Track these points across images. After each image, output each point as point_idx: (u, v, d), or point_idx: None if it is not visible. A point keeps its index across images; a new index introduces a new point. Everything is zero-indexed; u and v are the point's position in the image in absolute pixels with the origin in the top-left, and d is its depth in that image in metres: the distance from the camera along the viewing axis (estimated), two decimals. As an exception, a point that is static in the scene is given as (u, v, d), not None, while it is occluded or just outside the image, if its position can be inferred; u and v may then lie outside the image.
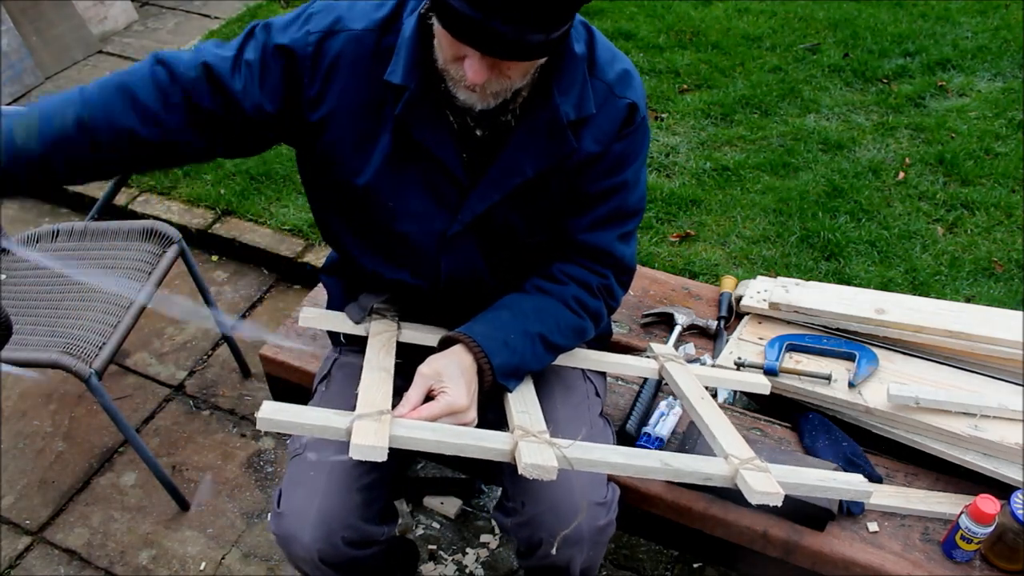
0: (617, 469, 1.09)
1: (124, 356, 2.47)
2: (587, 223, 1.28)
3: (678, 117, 3.29)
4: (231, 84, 1.16)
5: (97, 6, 3.98)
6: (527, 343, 1.23)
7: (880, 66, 3.53)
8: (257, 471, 2.15)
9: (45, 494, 2.11)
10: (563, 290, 1.29)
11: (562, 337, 1.28)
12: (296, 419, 1.01)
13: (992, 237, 2.66)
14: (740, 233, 2.72)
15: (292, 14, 1.21)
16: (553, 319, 1.27)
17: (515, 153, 1.19)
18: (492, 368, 1.18)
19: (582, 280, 1.30)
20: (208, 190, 2.94)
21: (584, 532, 1.28)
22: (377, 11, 1.19)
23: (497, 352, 1.19)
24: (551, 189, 1.24)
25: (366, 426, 1.02)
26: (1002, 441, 1.43)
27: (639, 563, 1.92)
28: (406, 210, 1.25)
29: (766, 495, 1.06)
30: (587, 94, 1.18)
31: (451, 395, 1.12)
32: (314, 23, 1.18)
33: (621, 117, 1.22)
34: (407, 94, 1.15)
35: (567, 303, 1.29)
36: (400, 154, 1.21)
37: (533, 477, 1.03)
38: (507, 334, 1.22)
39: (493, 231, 1.26)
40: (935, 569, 1.38)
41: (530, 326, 1.24)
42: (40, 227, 2.11)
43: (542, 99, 1.16)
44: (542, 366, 1.29)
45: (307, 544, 1.27)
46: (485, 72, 1.04)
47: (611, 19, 3.90)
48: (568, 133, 1.18)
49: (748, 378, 1.51)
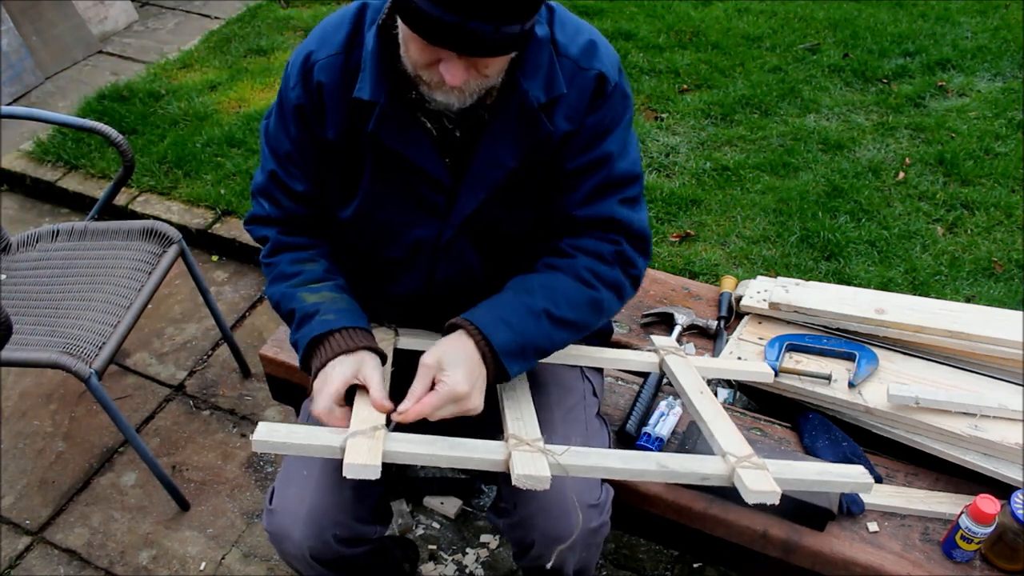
0: (613, 473, 1.09)
1: (124, 356, 2.47)
2: (580, 198, 1.24)
3: (678, 117, 3.29)
4: (295, 187, 1.28)
5: (97, 6, 3.98)
6: (530, 320, 1.18)
7: (880, 66, 3.53)
8: (257, 471, 2.15)
9: (45, 494, 2.11)
10: (572, 263, 1.24)
11: (572, 311, 1.22)
12: (290, 440, 1.03)
13: (992, 237, 2.66)
14: (740, 233, 2.72)
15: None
16: (560, 293, 1.21)
17: (492, 146, 1.19)
18: (492, 350, 1.15)
19: (593, 250, 1.25)
20: (208, 190, 2.94)
21: (576, 533, 1.27)
22: (337, 32, 1.21)
23: (496, 332, 1.15)
24: (536, 175, 1.23)
25: (359, 443, 1.03)
26: (1002, 441, 1.43)
27: (639, 563, 1.91)
28: (398, 224, 1.26)
29: (762, 494, 1.05)
30: (555, 74, 1.16)
31: (450, 382, 1.10)
32: (292, 73, 1.23)
33: (591, 89, 1.19)
34: (378, 109, 1.15)
35: (578, 275, 1.23)
36: (383, 170, 1.22)
37: (527, 487, 1.04)
38: (508, 314, 1.18)
39: (485, 229, 1.26)
40: (935, 569, 1.38)
41: (534, 303, 1.20)
42: (40, 227, 2.11)
43: (510, 88, 1.15)
44: (554, 344, 1.22)
45: (298, 541, 1.27)
46: (463, 73, 1.04)
47: (611, 19, 3.90)
48: (541, 116, 1.16)
49: (750, 367, 1.50)
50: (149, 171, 3.05)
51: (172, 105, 3.38)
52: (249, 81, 3.54)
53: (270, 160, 1.29)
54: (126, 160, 2.02)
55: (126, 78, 3.63)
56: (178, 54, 3.81)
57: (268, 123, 1.30)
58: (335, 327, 1.19)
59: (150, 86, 3.52)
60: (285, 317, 1.29)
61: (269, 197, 1.31)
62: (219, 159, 3.07)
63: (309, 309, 1.22)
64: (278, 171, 1.28)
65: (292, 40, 3.85)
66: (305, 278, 1.28)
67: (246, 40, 3.86)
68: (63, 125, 2.12)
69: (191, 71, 3.68)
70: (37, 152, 3.19)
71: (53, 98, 3.61)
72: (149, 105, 3.40)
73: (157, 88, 3.51)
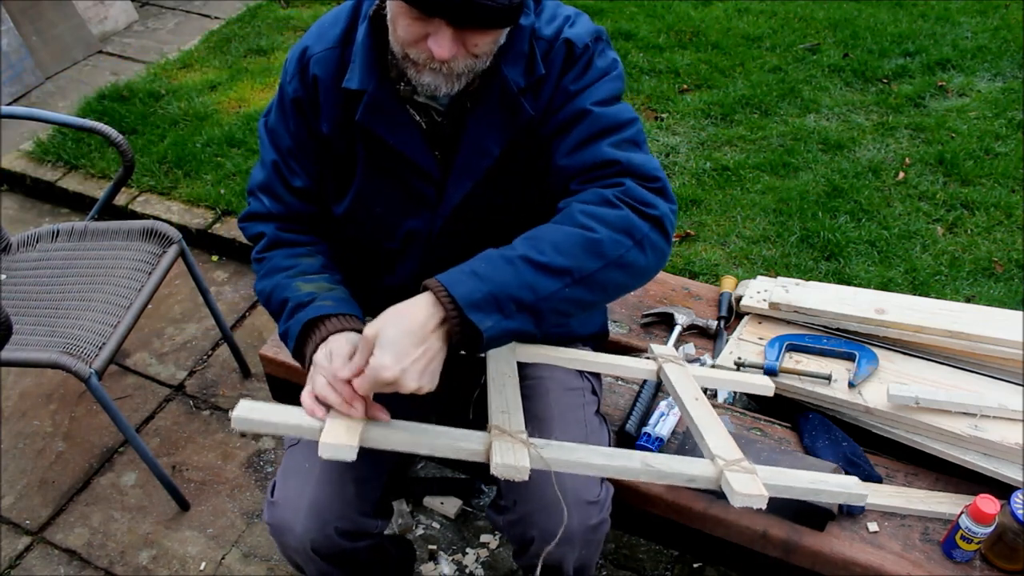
0: (596, 470, 1.08)
1: (124, 356, 2.47)
2: (568, 147, 1.16)
3: (678, 117, 3.29)
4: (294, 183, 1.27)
5: (97, 6, 3.98)
6: (504, 267, 1.02)
7: (880, 66, 3.53)
8: (257, 471, 2.15)
9: (45, 494, 2.11)
10: (565, 212, 1.10)
11: (562, 256, 1.03)
12: (269, 418, 1.02)
13: (992, 237, 2.66)
14: (740, 233, 2.71)
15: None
16: (545, 239, 1.05)
17: (476, 134, 1.19)
18: (456, 306, 0.99)
19: (590, 197, 1.10)
20: (208, 190, 2.94)
21: (575, 531, 1.27)
22: (334, 27, 1.22)
23: (459, 283, 1.00)
24: (519, 160, 1.22)
25: (338, 425, 1.01)
26: (1002, 441, 1.43)
27: (639, 563, 1.91)
28: (392, 217, 1.27)
29: (749, 497, 1.03)
30: (535, 59, 1.17)
31: (375, 364, 0.98)
32: (289, 68, 1.23)
33: (561, 57, 1.18)
34: (366, 97, 1.16)
35: (570, 220, 1.07)
36: (375, 163, 1.23)
37: (504, 478, 1.02)
38: (477, 265, 1.03)
39: (475, 217, 1.26)
40: (935, 569, 1.38)
41: (510, 251, 1.04)
42: (40, 227, 2.11)
43: (491, 74, 1.16)
44: (542, 296, 1.02)
45: (299, 534, 1.27)
46: (452, 45, 1.04)
47: (611, 19, 3.90)
48: (521, 100, 1.17)
49: (751, 379, 1.49)
50: (149, 171, 3.05)
51: (172, 105, 3.38)
52: (249, 81, 3.54)
53: (272, 154, 1.28)
54: (126, 160, 2.02)
55: (126, 78, 3.63)
56: (178, 54, 3.81)
57: (268, 119, 1.30)
58: (332, 312, 1.16)
59: (150, 86, 3.52)
60: (276, 307, 1.23)
61: (270, 192, 1.30)
62: (219, 159, 3.07)
63: (304, 298, 1.18)
64: (280, 166, 1.27)
65: (292, 40, 3.85)
66: (301, 270, 1.25)
67: (246, 40, 3.86)
68: (63, 125, 2.12)
69: (191, 71, 3.68)
70: (37, 152, 3.19)
71: (53, 98, 3.61)
72: (149, 105, 3.40)
73: (157, 88, 3.51)
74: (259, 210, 1.31)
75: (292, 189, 1.28)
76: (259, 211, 1.31)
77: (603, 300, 1.12)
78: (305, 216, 1.31)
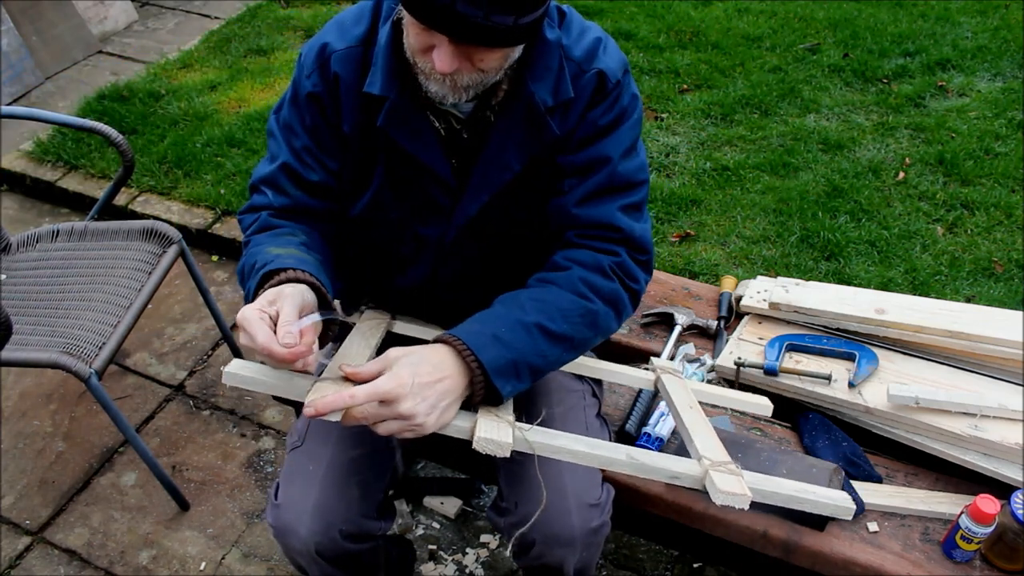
0: (578, 457, 1.08)
1: (124, 356, 2.47)
2: (580, 195, 1.20)
3: (678, 117, 3.29)
4: (310, 177, 1.24)
5: (97, 6, 3.98)
6: (523, 334, 1.10)
7: (880, 66, 3.53)
8: (257, 471, 2.15)
9: (45, 494, 2.11)
10: (567, 275, 1.18)
11: (568, 325, 1.14)
12: (259, 376, 1.03)
13: (992, 237, 2.66)
14: (740, 233, 2.72)
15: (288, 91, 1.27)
16: (554, 306, 1.14)
17: (499, 148, 1.18)
18: (483, 368, 1.06)
19: (589, 262, 1.19)
20: (208, 190, 2.94)
21: (576, 533, 1.27)
22: (357, 25, 1.20)
23: (485, 348, 1.06)
24: (540, 177, 1.22)
25: (324, 388, 1.02)
26: (1002, 441, 1.43)
27: (639, 563, 1.92)
28: (406, 223, 1.26)
29: (731, 496, 1.03)
30: (564, 78, 1.16)
31: (383, 381, 1.00)
32: (307, 63, 1.21)
33: (592, 87, 1.18)
34: (388, 103, 1.15)
35: (573, 287, 1.17)
36: (393, 168, 1.22)
37: (485, 452, 1.02)
38: (498, 328, 1.09)
39: (489, 230, 1.26)
40: (935, 569, 1.38)
41: (526, 316, 1.12)
42: (40, 227, 2.11)
43: (517, 89, 1.15)
44: (549, 362, 1.14)
45: (304, 537, 1.27)
46: (453, 60, 1.03)
47: (611, 19, 3.90)
48: (547, 119, 1.16)
49: (750, 398, 1.49)
50: (149, 171, 3.05)
51: (172, 105, 3.38)
52: (249, 81, 3.53)
53: (283, 149, 1.24)
54: (126, 160, 2.02)
55: (126, 78, 3.63)
56: (178, 54, 3.81)
57: (279, 114, 1.27)
58: (286, 266, 1.09)
59: (150, 86, 3.52)
60: (246, 277, 1.16)
61: (275, 186, 1.26)
62: (219, 159, 3.07)
63: (269, 258, 1.12)
64: (291, 161, 1.24)
65: (292, 40, 3.85)
66: (279, 243, 1.18)
67: (246, 40, 3.86)
68: (63, 125, 2.12)
69: (191, 71, 3.68)
70: (37, 152, 3.19)
71: (53, 98, 3.61)
72: (149, 105, 3.40)
73: (157, 88, 3.51)
74: (262, 203, 1.28)
75: (304, 184, 1.24)
76: (261, 204, 1.28)
77: (576, 358, 1.22)
78: (312, 211, 1.27)
